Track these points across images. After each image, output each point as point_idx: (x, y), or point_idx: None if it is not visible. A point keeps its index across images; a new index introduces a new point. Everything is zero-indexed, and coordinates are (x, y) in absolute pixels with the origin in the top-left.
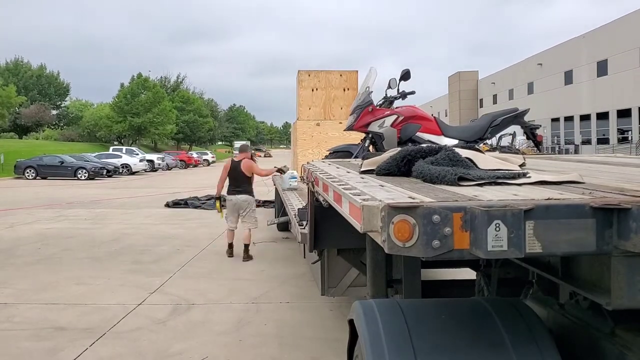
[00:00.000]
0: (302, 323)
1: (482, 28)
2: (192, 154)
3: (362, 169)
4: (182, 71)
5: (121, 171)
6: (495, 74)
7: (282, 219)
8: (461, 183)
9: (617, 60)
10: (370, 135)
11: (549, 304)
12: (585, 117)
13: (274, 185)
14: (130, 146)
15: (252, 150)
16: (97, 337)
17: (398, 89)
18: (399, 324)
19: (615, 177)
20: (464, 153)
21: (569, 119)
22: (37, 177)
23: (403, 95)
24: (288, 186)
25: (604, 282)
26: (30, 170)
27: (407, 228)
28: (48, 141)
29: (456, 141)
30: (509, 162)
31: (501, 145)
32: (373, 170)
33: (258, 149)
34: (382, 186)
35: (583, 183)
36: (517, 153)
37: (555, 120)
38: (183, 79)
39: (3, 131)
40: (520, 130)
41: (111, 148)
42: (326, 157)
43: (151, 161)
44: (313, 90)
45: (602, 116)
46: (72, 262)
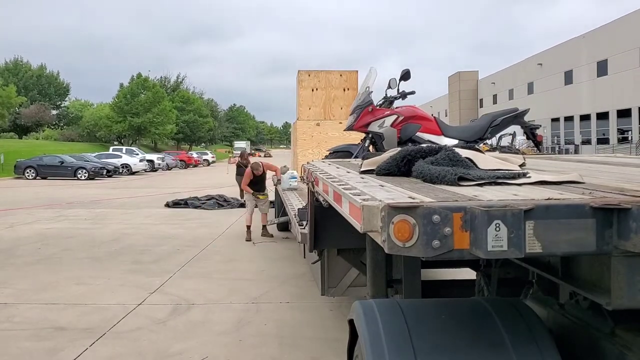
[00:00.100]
0: (302, 323)
1: (484, 28)
2: (192, 154)
3: (362, 169)
4: (182, 71)
5: (121, 171)
6: (495, 74)
7: (282, 219)
8: (461, 183)
9: (617, 60)
10: (370, 135)
11: (549, 304)
12: (585, 117)
13: (274, 185)
14: (130, 146)
15: (253, 150)
16: (97, 337)
17: (398, 89)
18: (399, 324)
19: (615, 177)
20: (464, 153)
21: (569, 119)
22: (37, 177)
23: (403, 95)
24: (288, 186)
25: (604, 282)
26: (30, 170)
27: (407, 228)
28: (48, 141)
29: (456, 141)
30: (509, 162)
31: (501, 145)
32: (373, 170)
33: (258, 149)
34: (382, 186)
35: (583, 183)
36: (517, 153)
37: (555, 120)
38: (183, 79)
39: (3, 131)
40: (520, 130)
41: (111, 148)
42: (326, 157)
43: (151, 161)
44: (313, 90)
45: (602, 116)
46: (72, 262)
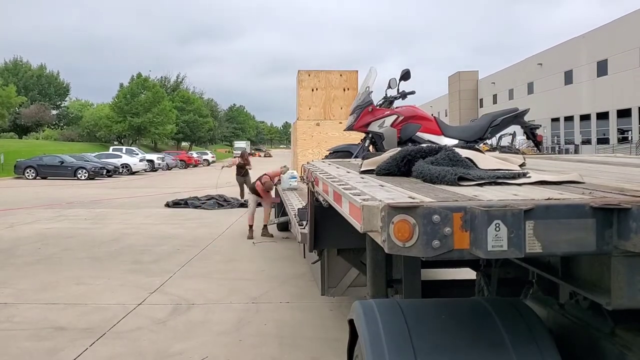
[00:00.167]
0: (302, 323)
1: (484, 28)
2: (192, 154)
3: (362, 169)
4: (182, 71)
5: (121, 171)
6: (495, 74)
7: (282, 219)
8: (461, 183)
9: (617, 60)
10: (370, 135)
11: (549, 304)
12: (585, 117)
13: (275, 185)
14: (130, 146)
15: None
16: (97, 337)
17: (398, 89)
18: (399, 324)
19: (615, 177)
20: (464, 153)
21: (569, 119)
22: (37, 177)
23: (403, 95)
24: (288, 186)
25: (604, 282)
26: (30, 170)
27: (407, 228)
28: (48, 141)
29: (456, 141)
30: (509, 162)
31: (501, 145)
32: (373, 170)
33: (258, 149)
34: (382, 186)
35: (583, 183)
36: (517, 153)
37: (555, 120)
38: (183, 79)
39: (3, 131)
40: (520, 130)
41: (111, 148)
42: (326, 157)
43: (151, 161)
44: (313, 90)
45: (602, 116)
46: (72, 262)
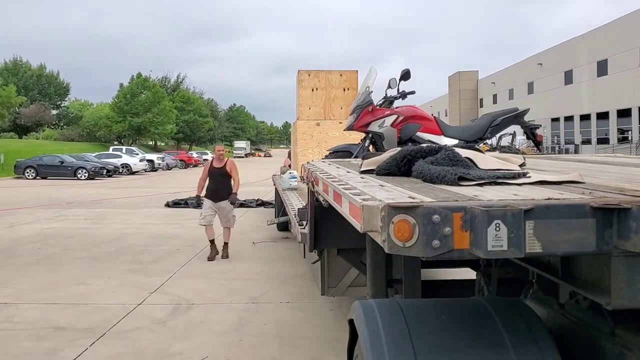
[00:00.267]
0: (302, 323)
1: (484, 28)
2: (192, 154)
3: (362, 169)
4: (183, 71)
5: (121, 171)
6: (495, 74)
7: (282, 219)
8: (461, 183)
9: (617, 60)
10: (370, 135)
11: (549, 304)
12: (585, 117)
13: (274, 185)
14: (130, 146)
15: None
16: (97, 337)
17: (398, 89)
18: (399, 324)
19: (615, 177)
20: (464, 153)
21: (569, 119)
22: (37, 177)
23: (403, 95)
24: (288, 186)
25: (604, 282)
26: (30, 170)
27: (407, 228)
28: (48, 141)
29: (456, 141)
30: (509, 162)
31: (501, 145)
32: (373, 170)
33: (258, 149)
34: (382, 186)
35: (583, 183)
36: (517, 153)
37: (555, 120)
38: (183, 79)
39: (3, 131)
40: (520, 130)
41: (111, 148)
42: (326, 157)
43: (151, 161)
44: (313, 90)
45: (602, 116)
46: (72, 262)
